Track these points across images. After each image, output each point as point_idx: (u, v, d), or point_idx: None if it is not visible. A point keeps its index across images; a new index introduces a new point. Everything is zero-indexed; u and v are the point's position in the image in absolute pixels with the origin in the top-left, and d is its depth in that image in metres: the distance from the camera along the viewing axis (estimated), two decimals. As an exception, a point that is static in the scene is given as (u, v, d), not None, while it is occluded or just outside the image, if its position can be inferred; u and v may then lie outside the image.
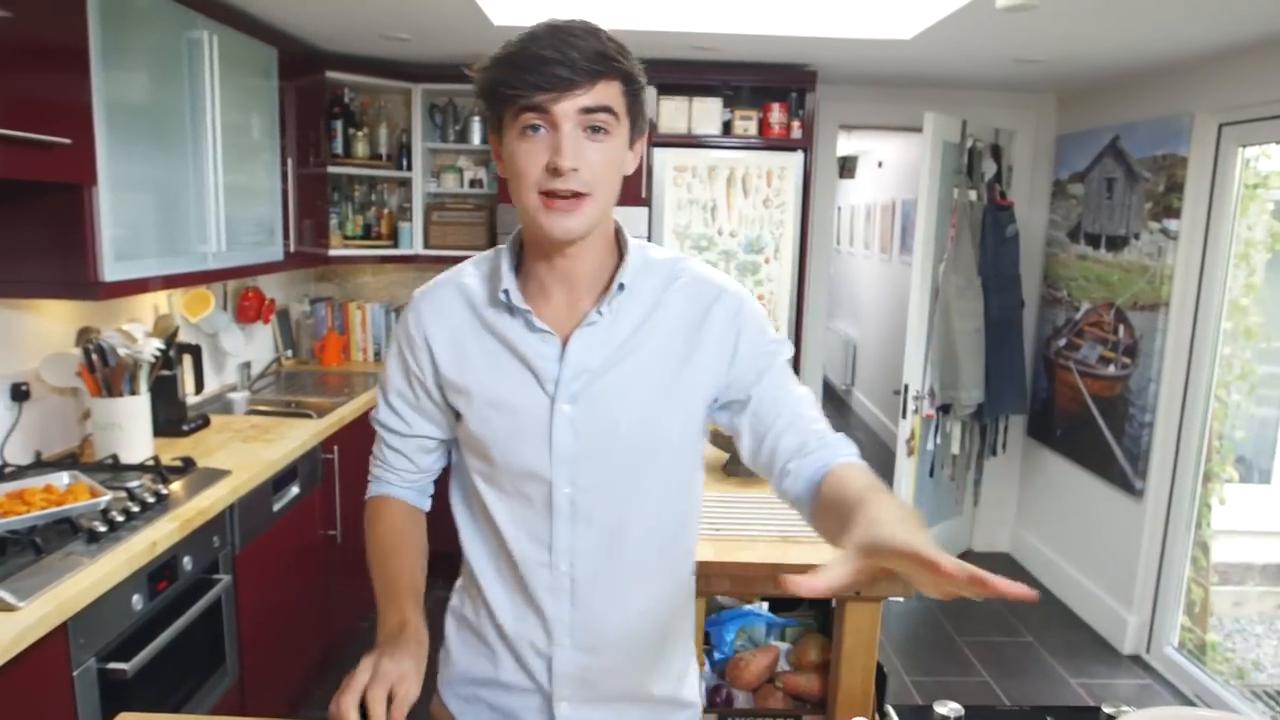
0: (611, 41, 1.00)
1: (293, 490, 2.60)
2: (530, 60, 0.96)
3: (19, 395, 2.20)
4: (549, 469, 1.08)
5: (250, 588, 2.31)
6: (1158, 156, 3.26)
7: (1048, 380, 4.04)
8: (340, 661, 3.02)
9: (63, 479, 1.94)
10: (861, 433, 6.86)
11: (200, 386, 2.81)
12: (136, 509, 1.92)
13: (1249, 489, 3.85)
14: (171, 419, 2.59)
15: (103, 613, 1.68)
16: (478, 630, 1.19)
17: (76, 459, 2.32)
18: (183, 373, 2.66)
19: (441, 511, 1.26)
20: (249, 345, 3.50)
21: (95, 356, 2.21)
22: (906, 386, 3.68)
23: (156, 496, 2.00)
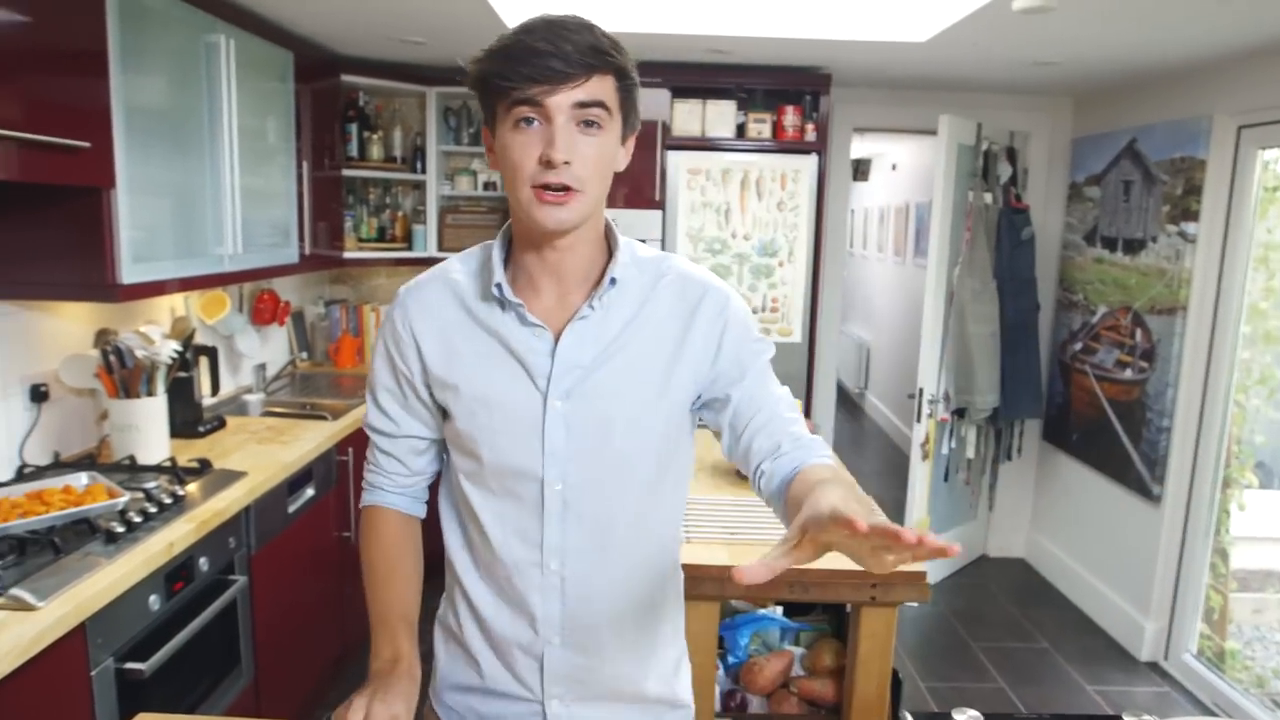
0: (605, 37, 1.00)
1: (308, 492, 2.61)
2: (524, 52, 0.96)
3: (38, 396, 2.22)
4: (541, 466, 1.08)
5: (265, 589, 2.32)
6: (1175, 159, 3.24)
7: (1063, 384, 4.01)
8: (354, 663, 3.03)
9: (81, 479, 1.96)
10: (875, 437, 6.83)
11: (216, 388, 2.83)
12: (154, 510, 1.93)
13: (1269, 495, 3.81)
14: (188, 420, 2.60)
15: (120, 613, 1.69)
16: (462, 640, 1.19)
17: (94, 460, 2.33)
18: (199, 374, 2.68)
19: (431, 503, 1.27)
20: (264, 347, 3.52)
21: (113, 358, 2.23)
22: (921, 390, 3.66)
23: (173, 497, 2.02)
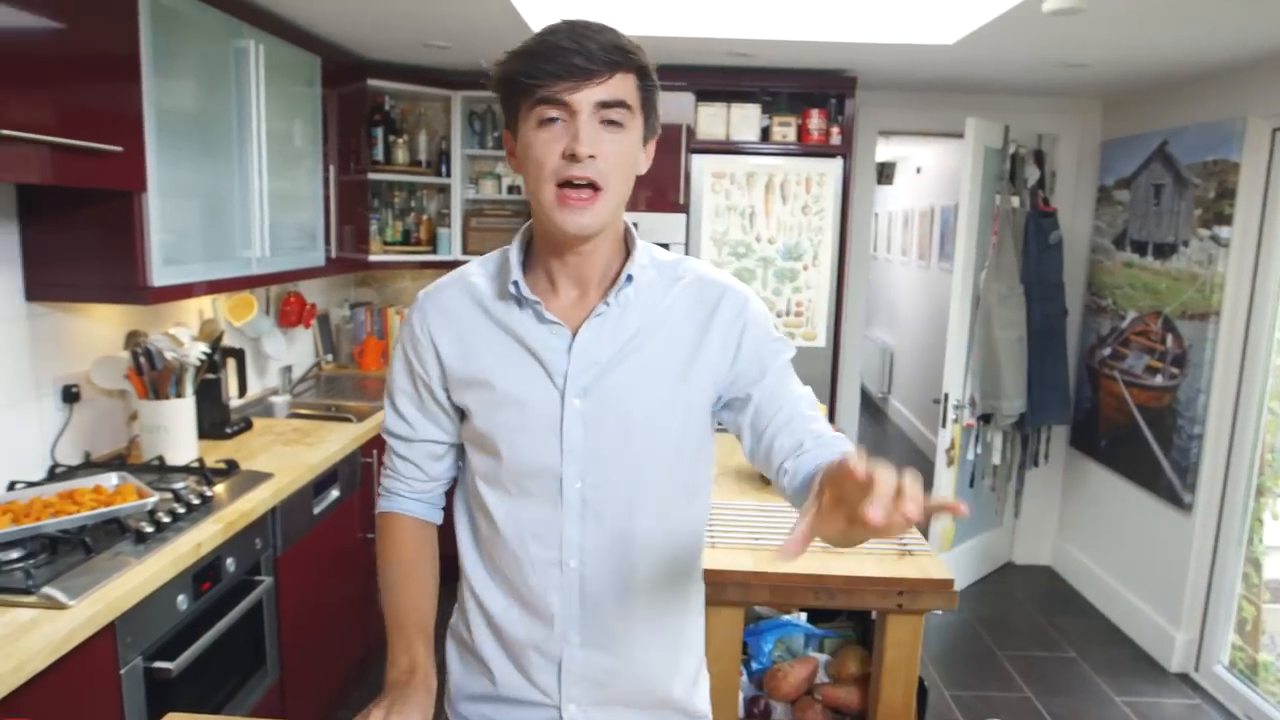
0: (628, 40, 1.01)
1: (333, 494, 2.63)
2: (548, 51, 0.97)
3: (70, 397, 2.25)
4: (559, 464, 1.08)
5: (291, 590, 2.34)
6: (1208, 162, 3.19)
7: (1091, 390, 3.96)
8: (377, 664, 3.04)
9: (111, 480, 1.98)
10: (898, 442, 6.78)
11: (243, 390, 2.85)
12: (182, 510, 1.95)
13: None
14: (215, 422, 2.62)
15: (149, 612, 1.70)
16: (474, 649, 1.19)
17: (124, 460, 2.36)
18: (227, 376, 2.70)
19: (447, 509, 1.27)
20: (290, 349, 3.55)
21: (143, 360, 2.25)
22: (946, 395, 3.63)
23: (201, 498, 2.03)
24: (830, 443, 1.08)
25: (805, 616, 2.27)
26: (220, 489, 2.15)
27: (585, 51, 0.97)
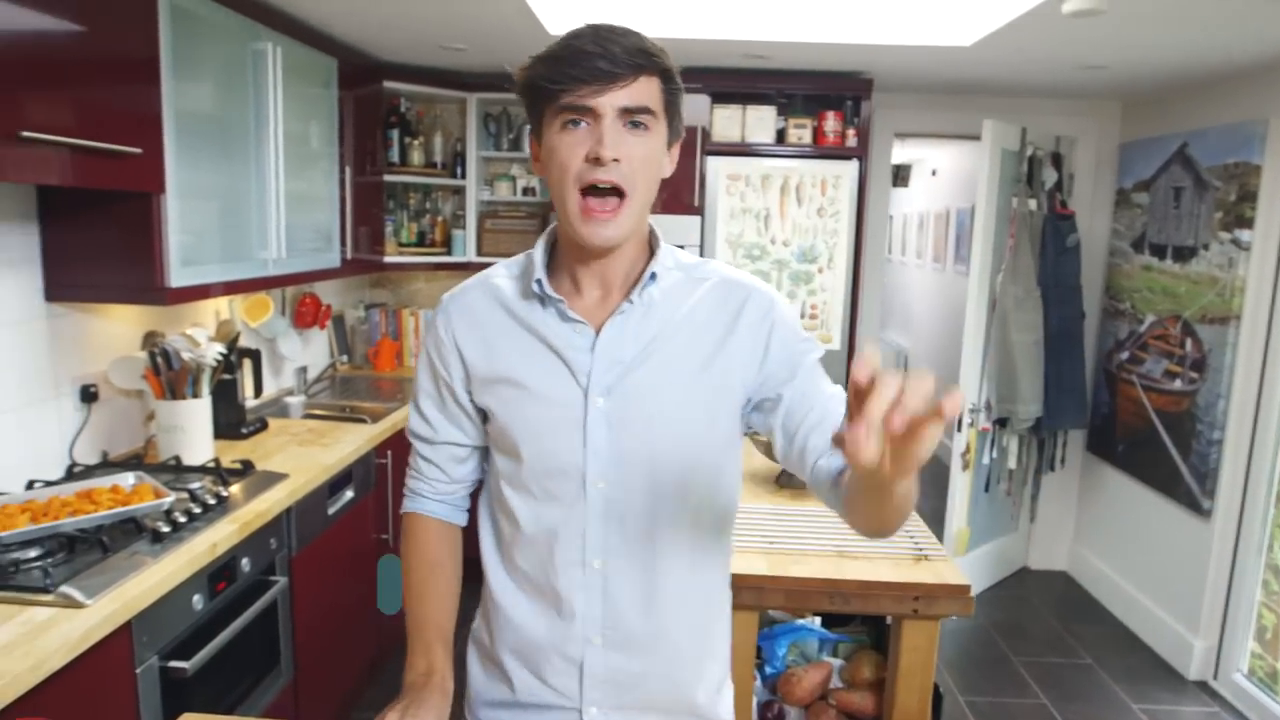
0: (652, 43, 1.01)
1: (347, 494, 2.64)
2: (572, 55, 0.97)
3: (88, 397, 2.27)
4: (583, 464, 1.07)
5: (305, 590, 2.35)
6: (1229, 164, 3.16)
7: (1109, 394, 3.92)
8: (390, 663, 3.05)
9: (128, 479, 1.99)
10: (913, 445, 6.73)
11: (259, 390, 2.86)
12: (198, 510, 1.96)
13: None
14: (231, 422, 2.64)
15: (165, 612, 1.71)
16: (494, 655, 1.19)
17: (141, 460, 2.37)
18: (243, 376, 2.72)
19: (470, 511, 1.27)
20: (305, 350, 3.56)
21: (160, 360, 2.27)
22: (962, 399, 3.60)
23: (217, 498, 2.04)
24: None
25: (819, 621, 2.26)
26: (236, 489, 2.16)
27: (609, 55, 0.97)
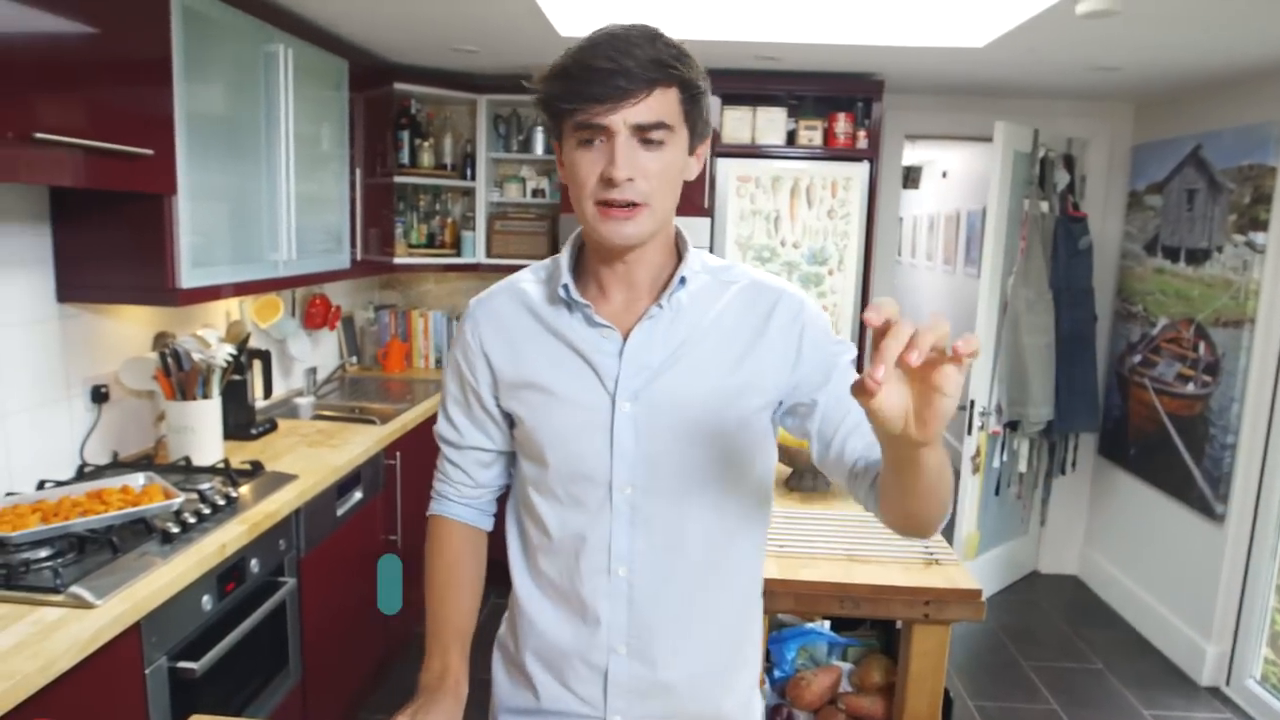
0: (670, 47, 0.98)
1: (356, 495, 2.64)
2: (582, 72, 0.96)
3: (99, 397, 2.27)
4: (609, 470, 1.07)
5: (314, 591, 2.35)
6: (1243, 166, 3.13)
7: (1121, 397, 3.90)
8: (398, 664, 3.05)
9: (138, 480, 1.99)
10: (922, 448, 6.71)
11: (269, 391, 2.87)
12: (207, 511, 1.96)
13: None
14: (241, 423, 2.64)
15: (174, 613, 1.71)
16: (519, 661, 1.18)
17: (151, 460, 2.38)
18: (253, 377, 2.72)
19: (499, 516, 1.27)
20: (315, 351, 3.57)
21: (171, 361, 2.27)
22: (972, 402, 3.58)
23: (226, 499, 2.05)
24: None
25: (829, 625, 2.25)
26: (245, 490, 2.16)
27: (621, 71, 0.95)
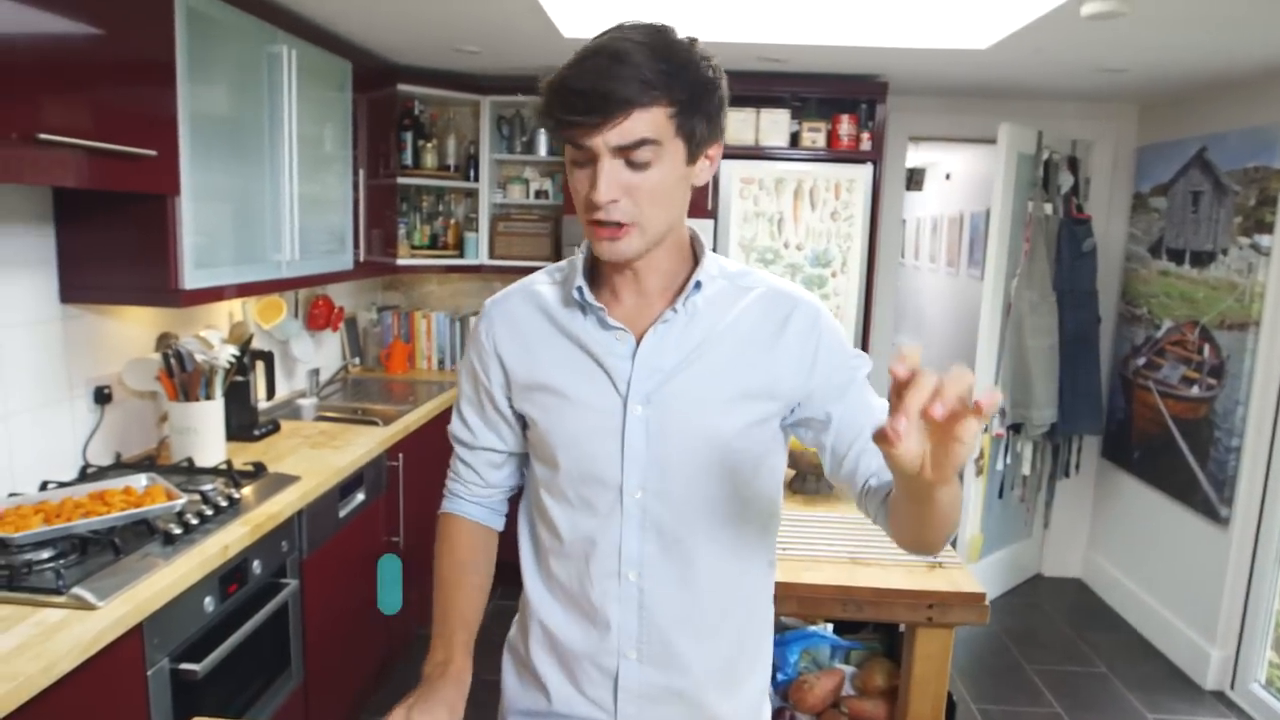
0: (664, 60, 0.95)
1: (358, 497, 2.63)
2: (564, 93, 0.94)
3: (102, 398, 2.27)
4: (620, 473, 1.07)
5: (316, 593, 2.34)
6: (1249, 168, 3.12)
7: (1125, 400, 3.89)
8: (400, 666, 3.05)
9: (141, 481, 1.99)
10: (925, 450, 6.70)
11: (271, 392, 2.87)
12: (210, 512, 1.96)
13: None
14: (244, 424, 2.64)
15: (176, 614, 1.71)
16: (529, 663, 1.18)
17: (154, 461, 2.38)
18: (255, 378, 2.72)
19: (511, 517, 1.27)
20: (318, 352, 3.57)
21: (174, 362, 2.27)
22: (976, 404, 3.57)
23: (229, 500, 2.04)
24: None
25: (831, 627, 2.24)
26: (248, 491, 2.16)
27: (599, 93, 0.92)
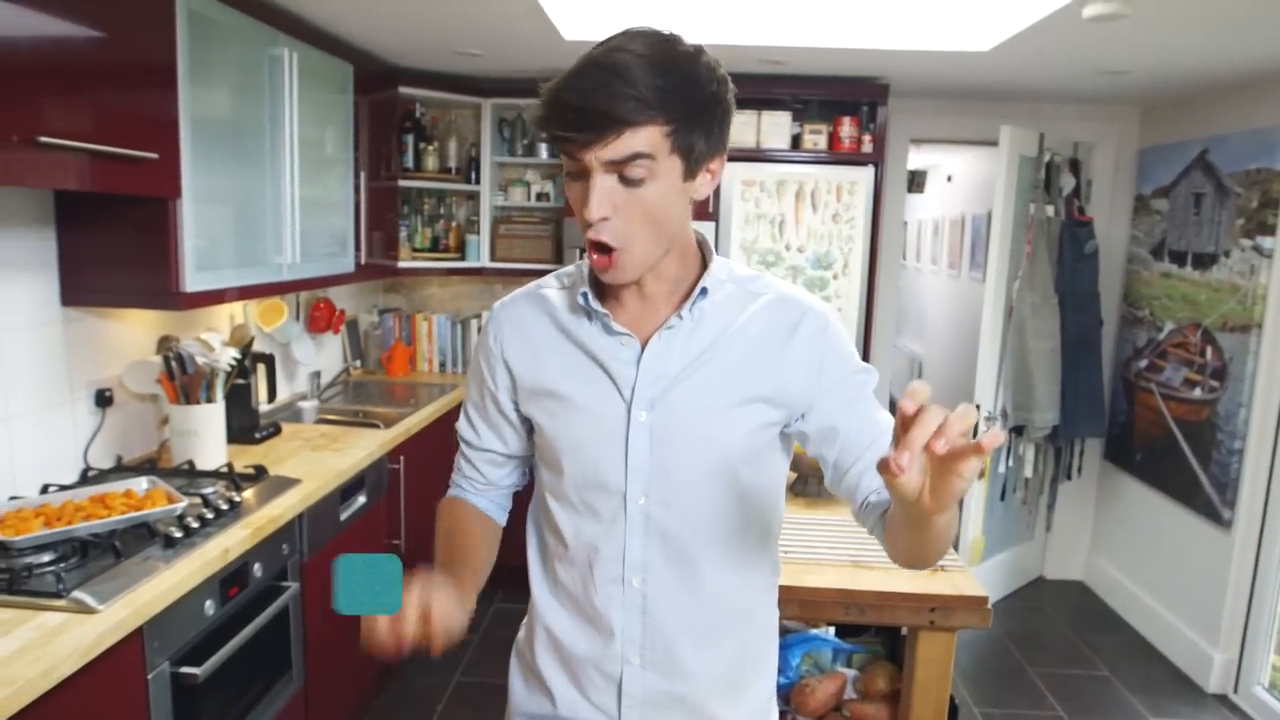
0: (664, 75, 0.92)
1: (359, 500, 2.63)
2: (556, 108, 0.93)
3: (103, 401, 2.27)
4: (624, 479, 1.06)
5: (317, 596, 2.34)
6: (1251, 170, 3.12)
7: (1127, 402, 3.88)
8: (401, 673, 3.04)
9: (141, 484, 1.99)
10: (927, 452, 6.68)
11: (273, 395, 2.87)
12: (211, 515, 1.95)
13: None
14: (245, 427, 2.64)
15: (177, 617, 1.71)
16: (535, 667, 1.18)
17: (155, 464, 2.38)
18: (256, 381, 2.72)
19: (513, 523, 1.28)
20: (319, 355, 3.57)
21: (175, 364, 2.27)
22: (978, 406, 3.56)
23: (230, 503, 2.04)
24: None
25: (833, 631, 2.24)
26: (249, 494, 2.16)
27: (592, 108, 0.90)
